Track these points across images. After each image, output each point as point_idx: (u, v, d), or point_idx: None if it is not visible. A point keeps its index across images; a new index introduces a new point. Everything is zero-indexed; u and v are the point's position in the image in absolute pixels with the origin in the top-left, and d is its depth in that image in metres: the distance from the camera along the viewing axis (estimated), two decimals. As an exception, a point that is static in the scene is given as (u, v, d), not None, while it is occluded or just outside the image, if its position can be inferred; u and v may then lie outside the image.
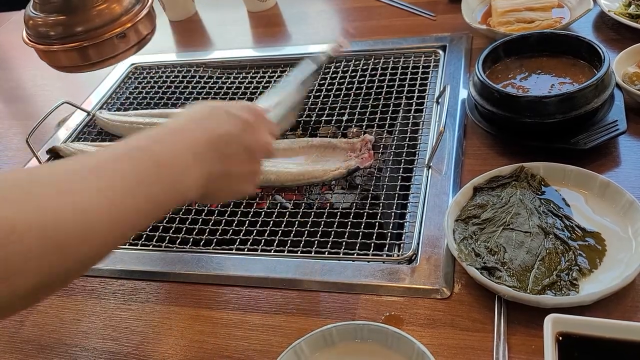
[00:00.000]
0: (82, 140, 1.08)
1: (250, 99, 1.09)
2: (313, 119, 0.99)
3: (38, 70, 1.38)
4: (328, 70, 1.09)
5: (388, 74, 1.05)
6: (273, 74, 1.13)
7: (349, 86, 1.05)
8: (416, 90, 0.99)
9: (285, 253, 0.77)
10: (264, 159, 0.61)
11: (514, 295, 0.60)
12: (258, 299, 0.71)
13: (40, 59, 0.85)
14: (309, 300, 0.69)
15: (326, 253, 0.75)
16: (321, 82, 1.07)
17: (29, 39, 0.82)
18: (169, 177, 0.48)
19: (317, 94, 1.04)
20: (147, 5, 0.84)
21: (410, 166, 0.85)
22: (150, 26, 0.85)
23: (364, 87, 1.03)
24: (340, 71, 1.08)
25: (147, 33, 0.85)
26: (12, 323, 0.75)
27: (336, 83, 1.06)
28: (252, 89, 1.10)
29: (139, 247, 0.82)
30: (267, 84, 1.10)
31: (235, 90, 1.11)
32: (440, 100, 0.94)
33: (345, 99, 1.02)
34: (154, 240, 0.83)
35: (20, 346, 0.72)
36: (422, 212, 0.76)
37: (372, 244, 0.75)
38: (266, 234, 0.80)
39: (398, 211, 0.79)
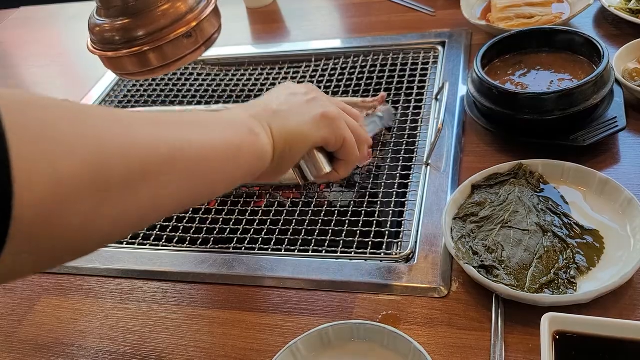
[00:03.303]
0: (81, 139, 1.08)
1: (249, 97, 1.09)
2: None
3: (37, 67, 1.38)
4: (326, 67, 1.09)
5: (387, 70, 1.04)
6: (272, 71, 1.12)
7: (347, 83, 1.04)
8: (415, 87, 0.98)
9: (283, 252, 0.76)
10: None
11: (511, 294, 0.60)
12: (255, 298, 0.71)
13: (105, 67, 0.82)
14: (305, 299, 0.69)
15: (323, 251, 0.75)
16: (319, 79, 1.06)
17: (95, 47, 0.79)
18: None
19: (315, 91, 1.04)
20: (213, 1, 0.81)
21: (409, 164, 0.85)
22: (216, 24, 0.82)
23: (363, 83, 1.03)
24: (338, 68, 1.08)
25: (214, 32, 0.82)
26: (9, 322, 0.75)
27: (335, 80, 1.05)
28: (251, 86, 1.10)
29: (136, 246, 0.82)
30: (266, 81, 1.10)
31: (233, 88, 1.10)
32: (439, 97, 0.93)
33: (343, 95, 1.01)
34: (151, 239, 0.83)
35: (18, 346, 0.72)
36: (420, 210, 0.76)
37: (370, 243, 0.74)
38: (263, 233, 0.80)
39: (396, 209, 0.79)
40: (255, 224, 0.81)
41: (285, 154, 0.52)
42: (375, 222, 0.77)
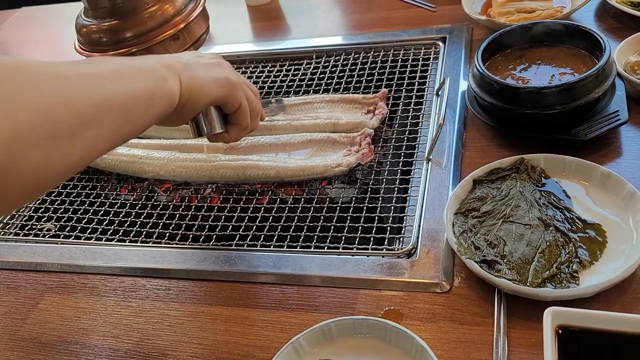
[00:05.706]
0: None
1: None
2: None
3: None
4: (327, 63, 1.09)
5: (388, 66, 1.04)
6: (273, 68, 1.12)
7: (348, 79, 1.04)
8: (416, 83, 0.98)
9: (285, 248, 0.76)
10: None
11: (513, 288, 0.60)
12: (257, 295, 0.71)
13: None
14: (308, 296, 0.69)
15: (325, 248, 0.75)
16: (320, 75, 1.06)
17: (82, 48, 0.79)
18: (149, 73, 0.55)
19: (316, 88, 1.04)
20: (201, 3, 0.80)
21: (410, 159, 0.85)
22: (204, 25, 0.82)
23: (364, 80, 1.03)
24: (339, 64, 1.08)
25: (202, 33, 0.82)
26: (13, 321, 0.75)
27: (335, 77, 1.05)
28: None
29: (138, 244, 0.82)
30: (267, 79, 1.10)
31: (234, 85, 1.10)
32: (440, 92, 0.93)
33: (344, 92, 1.01)
34: (154, 237, 0.83)
35: (21, 344, 0.72)
36: (422, 206, 0.76)
37: (372, 238, 0.74)
38: (265, 230, 0.80)
39: (398, 205, 0.79)
40: (257, 220, 0.81)
41: (188, 101, 0.60)
42: (377, 218, 0.77)
